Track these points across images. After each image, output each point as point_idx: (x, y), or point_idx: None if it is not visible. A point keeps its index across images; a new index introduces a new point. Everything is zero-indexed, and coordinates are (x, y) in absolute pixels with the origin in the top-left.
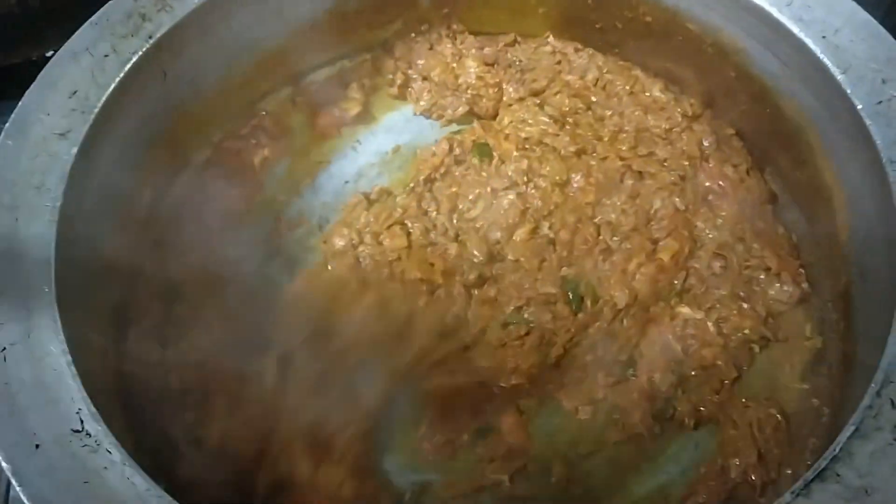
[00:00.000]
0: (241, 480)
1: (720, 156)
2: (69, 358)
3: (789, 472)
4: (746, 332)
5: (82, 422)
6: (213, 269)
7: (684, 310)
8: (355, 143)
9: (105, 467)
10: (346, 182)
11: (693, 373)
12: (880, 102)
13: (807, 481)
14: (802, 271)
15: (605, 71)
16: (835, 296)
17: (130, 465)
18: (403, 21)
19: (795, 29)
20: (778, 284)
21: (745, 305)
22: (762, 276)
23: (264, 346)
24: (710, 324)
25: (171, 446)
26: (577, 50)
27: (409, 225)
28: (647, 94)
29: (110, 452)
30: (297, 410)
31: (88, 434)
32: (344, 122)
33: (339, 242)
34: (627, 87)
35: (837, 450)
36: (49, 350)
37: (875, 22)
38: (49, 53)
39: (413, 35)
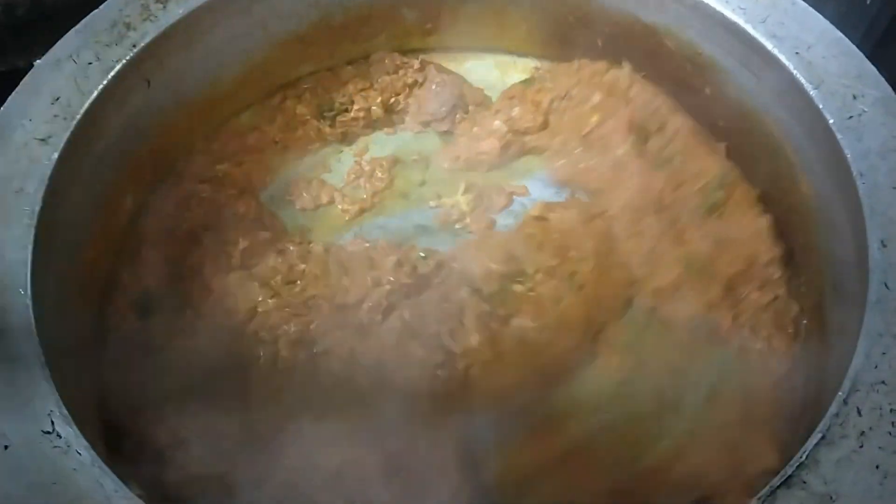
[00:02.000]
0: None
1: None
2: (43, 359)
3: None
4: None
5: (53, 423)
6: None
7: None
8: (338, 156)
9: (74, 469)
10: None
11: None
12: (851, 117)
13: (773, 488)
14: None
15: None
16: (810, 309)
17: (100, 467)
18: (387, 35)
19: (769, 45)
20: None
21: None
22: None
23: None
24: None
25: (153, 452)
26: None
27: None
28: None
29: (80, 454)
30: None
31: (59, 436)
32: (327, 136)
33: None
34: None
35: (804, 457)
36: (22, 351)
37: (846, 39)
38: (36, 62)
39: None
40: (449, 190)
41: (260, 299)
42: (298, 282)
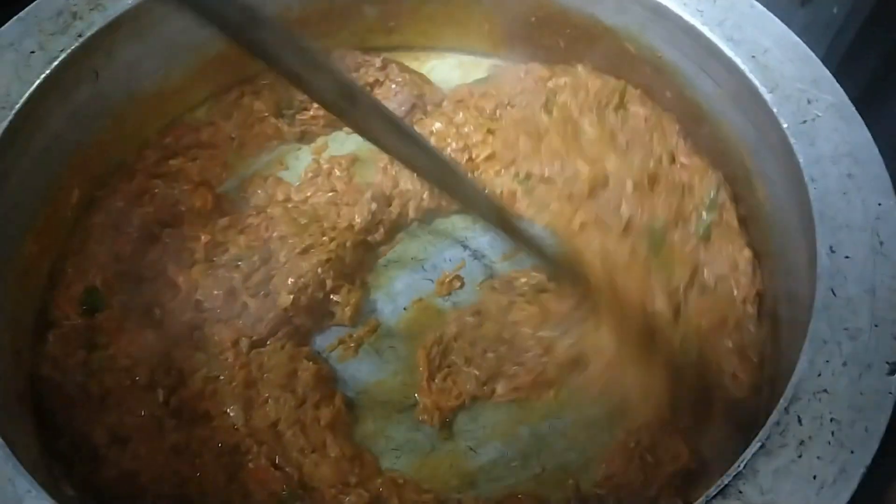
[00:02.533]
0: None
1: None
2: None
3: None
4: None
5: None
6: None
7: None
8: (296, 154)
9: None
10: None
11: None
12: (805, 122)
13: (708, 498)
14: None
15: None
16: (765, 316)
17: (14, 466)
18: (349, 32)
19: (726, 48)
20: None
21: None
22: None
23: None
24: None
25: (88, 450)
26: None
27: None
28: None
29: None
30: None
31: None
32: (286, 134)
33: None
34: None
35: (742, 466)
36: None
37: (803, 44)
38: None
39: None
40: None
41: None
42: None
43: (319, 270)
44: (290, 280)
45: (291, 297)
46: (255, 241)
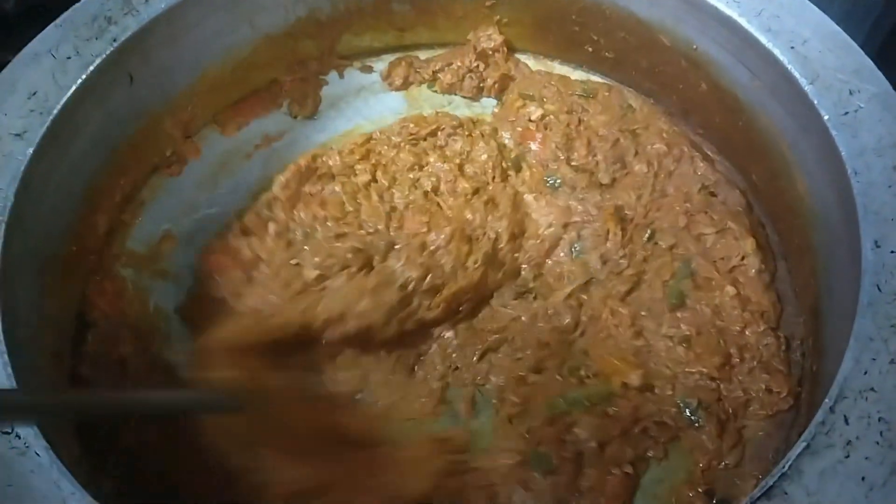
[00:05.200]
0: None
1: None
2: (6, 358)
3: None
4: None
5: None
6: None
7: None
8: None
9: (32, 471)
10: None
11: None
12: (846, 113)
13: (753, 499)
14: None
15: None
16: (805, 311)
17: (59, 469)
18: (381, 28)
19: (764, 39)
20: None
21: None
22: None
23: None
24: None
25: (125, 448)
26: None
27: None
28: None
29: (39, 455)
30: None
31: (18, 436)
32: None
33: None
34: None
35: (787, 467)
36: None
37: (843, 33)
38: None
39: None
40: None
41: None
42: None
43: None
44: None
45: None
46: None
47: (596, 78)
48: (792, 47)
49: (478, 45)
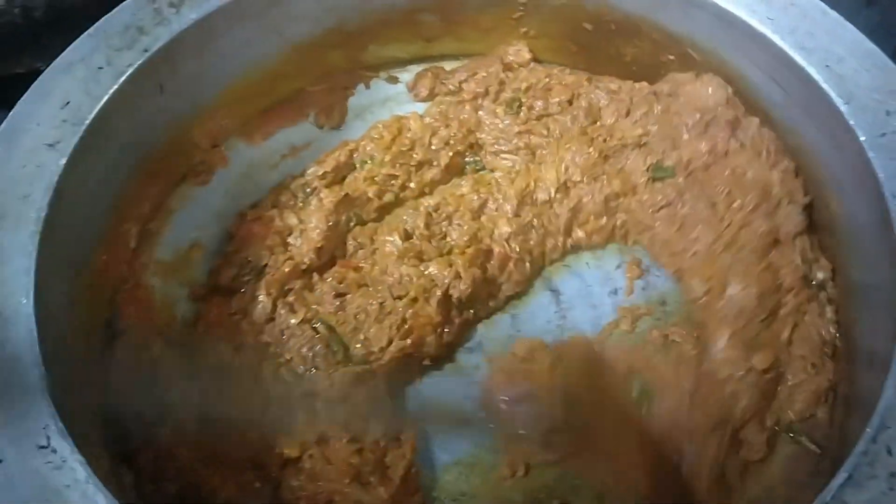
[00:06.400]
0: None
1: None
2: (42, 370)
3: None
4: None
5: (49, 438)
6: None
7: None
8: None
9: (67, 485)
10: None
11: None
12: (884, 134)
13: None
14: None
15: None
16: (841, 330)
17: (94, 484)
18: (408, 39)
19: (798, 57)
20: None
21: None
22: None
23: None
24: None
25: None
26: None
27: None
28: None
29: (74, 470)
30: None
31: (54, 451)
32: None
33: None
34: None
35: (829, 498)
36: (22, 362)
37: (880, 52)
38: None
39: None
40: None
41: None
42: None
43: None
44: None
45: None
46: None
47: None
48: (827, 66)
49: (505, 58)
